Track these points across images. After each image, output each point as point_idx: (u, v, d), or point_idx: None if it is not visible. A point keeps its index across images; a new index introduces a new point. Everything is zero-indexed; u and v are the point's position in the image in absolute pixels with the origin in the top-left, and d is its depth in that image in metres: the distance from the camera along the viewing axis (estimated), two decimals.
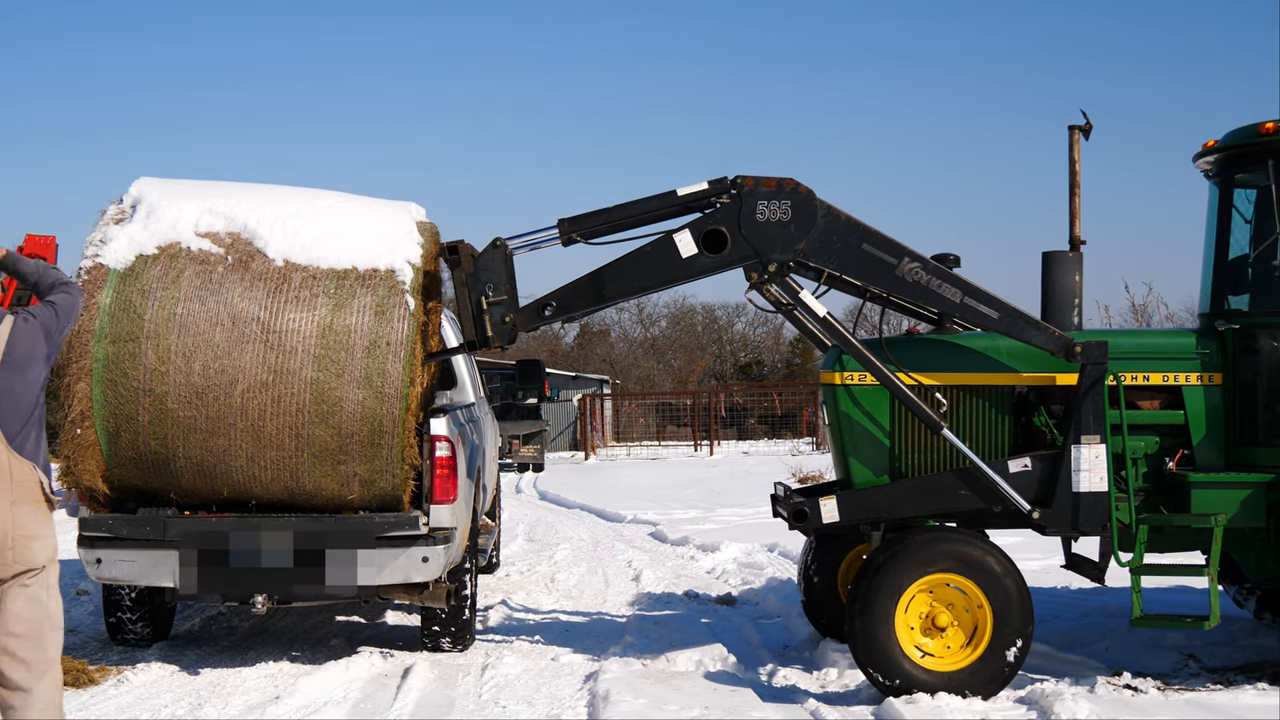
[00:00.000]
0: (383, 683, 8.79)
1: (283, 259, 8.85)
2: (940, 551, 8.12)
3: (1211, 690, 8.19)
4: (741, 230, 8.40)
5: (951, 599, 8.14)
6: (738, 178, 8.47)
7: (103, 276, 8.71)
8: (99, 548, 8.77)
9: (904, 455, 8.71)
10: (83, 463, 8.62)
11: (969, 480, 8.43)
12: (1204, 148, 8.96)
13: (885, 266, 8.43)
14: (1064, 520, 8.39)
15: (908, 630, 8.09)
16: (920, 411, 8.40)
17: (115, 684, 8.64)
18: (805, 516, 8.59)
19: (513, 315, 8.61)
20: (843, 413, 8.75)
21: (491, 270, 8.61)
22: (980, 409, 8.69)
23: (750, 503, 21.48)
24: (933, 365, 8.67)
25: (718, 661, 9.12)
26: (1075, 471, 8.32)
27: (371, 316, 8.71)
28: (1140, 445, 8.62)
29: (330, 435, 8.61)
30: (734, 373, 72.44)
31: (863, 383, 8.68)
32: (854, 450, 8.77)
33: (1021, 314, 8.41)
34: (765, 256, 8.42)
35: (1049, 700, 7.68)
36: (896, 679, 7.95)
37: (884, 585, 8.03)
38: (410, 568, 8.84)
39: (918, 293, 8.47)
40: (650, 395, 54.05)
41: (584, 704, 8.13)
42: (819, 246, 8.42)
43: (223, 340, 8.58)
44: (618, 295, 8.74)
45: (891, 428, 8.70)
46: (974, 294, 8.39)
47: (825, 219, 8.41)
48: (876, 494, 8.56)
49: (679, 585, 12.91)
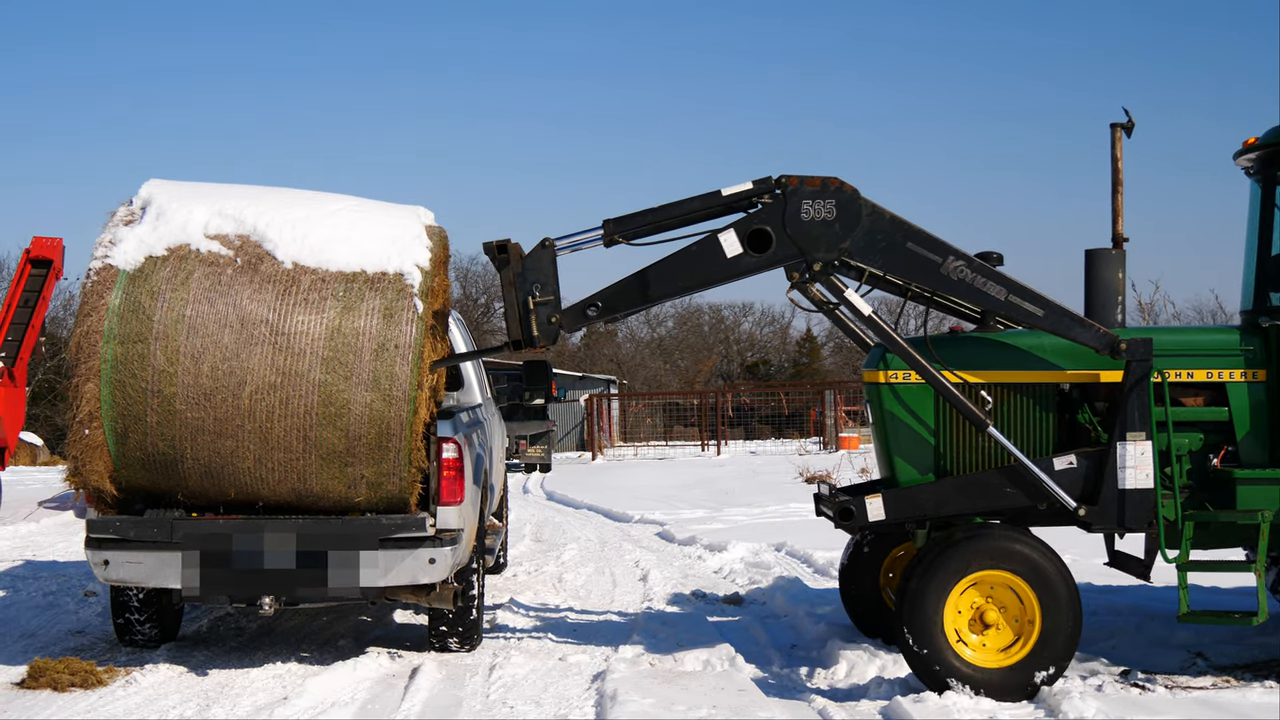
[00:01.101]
0: (390, 683, 8.80)
1: (292, 262, 8.87)
2: (992, 548, 8.13)
3: (1220, 689, 8.18)
4: (786, 229, 8.41)
5: (1000, 596, 8.15)
6: (782, 177, 8.48)
7: (112, 278, 8.73)
8: (106, 549, 8.77)
9: (949, 453, 8.71)
10: (90, 463, 8.63)
11: (1014, 478, 8.44)
12: (1244, 145, 8.95)
13: (930, 265, 8.43)
14: (1110, 517, 8.39)
15: (956, 627, 8.11)
16: (966, 409, 8.41)
17: (123, 685, 8.66)
18: (851, 515, 8.60)
19: (558, 315, 8.62)
20: (887, 411, 8.76)
21: (539, 270, 8.60)
22: (1024, 407, 8.69)
23: (757, 502, 21.50)
24: (977, 363, 8.68)
25: (725, 661, 9.12)
26: (1121, 468, 8.33)
27: (380, 319, 8.72)
28: (1185, 442, 8.60)
29: (338, 437, 8.62)
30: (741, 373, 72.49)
31: (907, 381, 8.69)
32: (899, 448, 8.77)
33: (1066, 311, 8.41)
34: (810, 256, 8.43)
35: (1056, 699, 7.68)
36: (944, 675, 7.96)
37: (934, 581, 8.04)
38: (417, 569, 8.85)
39: (962, 291, 8.48)
40: (657, 395, 54.07)
41: (592, 704, 8.13)
42: (864, 245, 8.43)
43: (231, 342, 8.59)
44: (662, 295, 8.74)
45: (936, 426, 8.71)
46: (1019, 291, 8.39)
47: (870, 218, 8.42)
48: (922, 492, 8.58)
49: (686, 585, 12.91)
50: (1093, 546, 9.87)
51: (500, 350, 9.11)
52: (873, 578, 9.86)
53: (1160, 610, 10.44)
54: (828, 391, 42.81)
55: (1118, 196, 9.04)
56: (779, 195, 8.47)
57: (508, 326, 8.68)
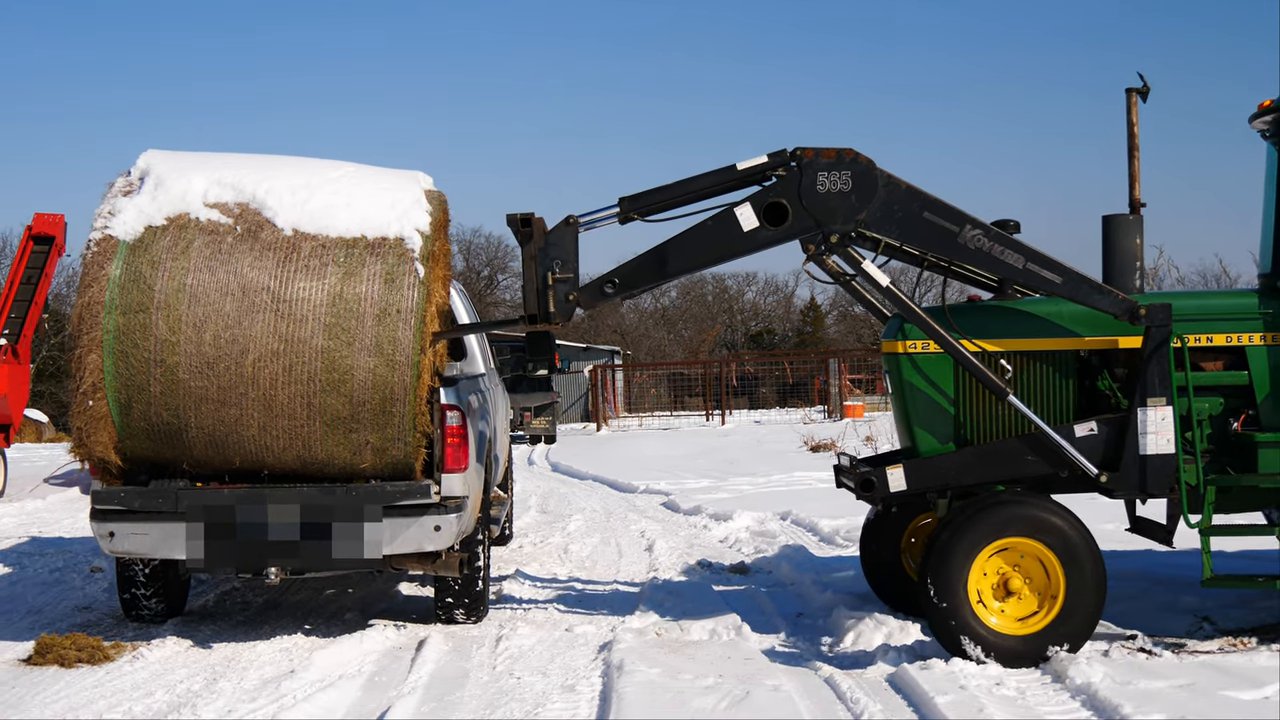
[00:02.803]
0: (397, 655, 8.80)
1: (292, 228, 8.85)
2: (1015, 515, 8.13)
3: (1226, 653, 8.18)
4: (803, 202, 8.38)
5: (1025, 564, 8.15)
6: (797, 149, 8.46)
7: (112, 248, 8.71)
8: (111, 521, 8.77)
9: (969, 422, 8.71)
10: (95, 435, 8.62)
11: (1035, 445, 8.44)
12: (1260, 108, 8.89)
13: (947, 234, 8.41)
14: (1131, 483, 8.40)
15: (980, 595, 8.11)
16: (985, 378, 8.40)
17: (130, 660, 8.66)
18: (873, 486, 8.61)
19: (575, 293, 8.60)
20: (906, 381, 8.75)
21: (561, 247, 8.57)
22: (1044, 374, 8.68)
23: (762, 472, 21.52)
24: (996, 332, 8.67)
25: (731, 630, 9.12)
26: (1142, 434, 8.32)
27: (381, 284, 8.71)
28: (1205, 407, 8.57)
29: (342, 404, 8.62)
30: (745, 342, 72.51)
31: (926, 351, 8.68)
32: (918, 418, 8.77)
33: (1085, 278, 8.39)
34: (827, 227, 8.41)
35: (1063, 664, 7.68)
36: (960, 633, 7.97)
37: (958, 549, 8.03)
38: (423, 537, 8.85)
39: (980, 259, 8.46)
40: (661, 365, 54.09)
41: (598, 674, 8.13)
42: (880, 216, 8.41)
43: (233, 310, 8.58)
44: (680, 270, 8.75)
45: (956, 395, 8.70)
46: (1036, 259, 8.36)
47: (886, 188, 8.39)
48: (943, 461, 8.58)
49: (692, 555, 12.92)
50: (1101, 512, 9.85)
51: (515, 323, 9.09)
52: (893, 546, 9.84)
53: (1166, 575, 10.44)
54: (832, 360, 42.80)
55: (1134, 162, 9.00)
56: (794, 168, 8.44)
57: (525, 300, 8.67)
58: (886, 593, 9.76)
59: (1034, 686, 7.53)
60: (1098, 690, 7.19)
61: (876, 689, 7.62)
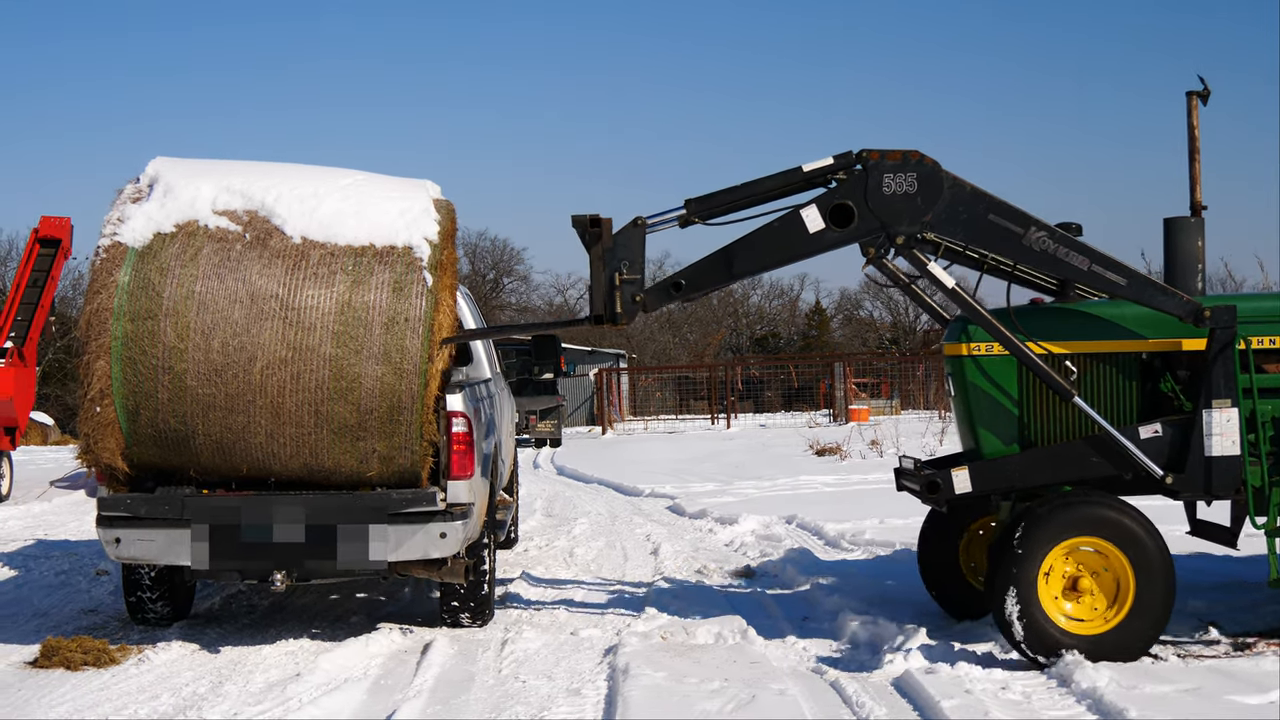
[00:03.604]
0: (403, 659, 8.81)
1: (300, 236, 8.88)
2: (1086, 515, 8.14)
3: (1231, 657, 8.18)
4: (868, 203, 8.42)
5: (1094, 563, 8.15)
6: (863, 151, 8.49)
7: (121, 255, 8.73)
8: (118, 527, 8.79)
9: (1032, 424, 8.71)
10: (102, 441, 8.64)
11: (1100, 447, 8.45)
12: None
13: (1012, 236, 8.43)
14: (1197, 485, 8.41)
15: (1050, 594, 8.11)
16: (1051, 380, 8.41)
17: (136, 663, 8.67)
18: (938, 488, 8.62)
19: (642, 294, 8.65)
20: (970, 383, 8.76)
21: (629, 248, 8.63)
22: (1107, 376, 8.69)
23: (768, 475, 21.49)
24: (1060, 333, 8.67)
25: (737, 634, 9.13)
26: (1207, 436, 8.33)
27: (389, 293, 8.73)
28: (1269, 408, 8.55)
29: (349, 412, 8.63)
30: (750, 346, 72.44)
31: (990, 353, 8.68)
32: (982, 420, 8.77)
33: (1150, 280, 8.41)
34: (892, 229, 8.45)
35: (1069, 669, 7.68)
36: (1039, 643, 7.98)
37: (1027, 549, 8.03)
38: (429, 543, 8.86)
39: (1045, 261, 8.47)
40: (667, 369, 54.05)
41: (604, 677, 8.14)
42: (946, 218, 8.44)
43: (241, 317, 8.60)
44: (745, 272, 8.82)
45: (1020, 397, 8.70)
46: (1101, 261, 8.38)
47: (951, 190, 8.41)
48: (1008, 463, 8.59)
49: (697, 558, 12.92)
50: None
51: (581, 324, 9.15)
52: (951, 549, 9.82)
53: None
54: (837, 364, 42.82)
55: (1195, 164, 9.01)
56: (860, 170, 8.47)
57: (592, 301, 8.72)
58: (944, 596, 9.73)
59: (1039, 690, 7.53)
60: (1103, 694, 7.20)
61: (882, 693, 7.62)
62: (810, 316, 75.54)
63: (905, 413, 41.17)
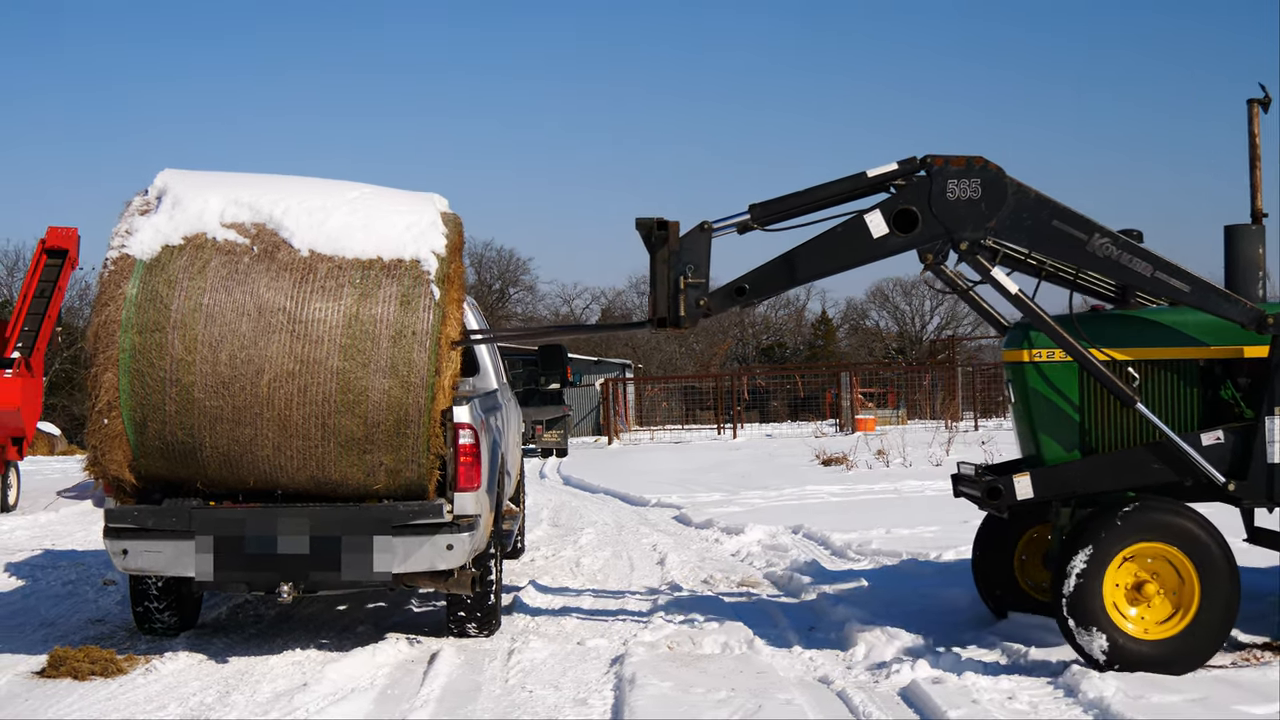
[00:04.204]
0: (409, 668, 8.82)
1: (308, 249, 8.89)
2: (1151, 520, 8.14)
3: (1239, 667, 8.18)
4: (932, 209, 8.45)
5: (1158, 569, 8.16)
6: (927, 157, 8.52)
7: (129, 267, 8.75)
8: (125, 539, 8.80)
9: (1094, 430, 8.71)
10: (110, 453, 8.66)
11: (1161, 453, 8.45)
12: None
13: (1076, 242, 8.44)
14: (1259, 492, 8.41)
15: (1115, 600, 8.12)
16: (1114, 386, 8.43)
17: (144, 673, 8.68)
18: (999, 494, 8.62)
19: (706, 299, 8.68)
20: (1032, 389, 8.75)
21: (695, 252, 8.66)
22: (1169, 382, 8.70)
23: (774, 485, 21.50)
24: (1122, 340, 8.69)
25: (743, 644, 9.13)
26: (1270, 443, 8.34)
27: (397, 306, 8.73)
28: None
29: (356, 425, 8.64)
30: (756, 355, 72.47)
31: (1051, 359, 8.69)
32: (1044, 426, 8.77)
33: (1213, 287, 8.42)
34: (956, 235, 8.48)
35: (1075, 678, 7.68)
36: (1103, 649, 7.98)
37: (1092, 555, 8.04)
38: (435, 555, 8.86)
39: (1108, 268, 8.48)
40: (673, 379, 54.10)
41: (610, 687, 8.14)
42: (1009, 224, 8.46)
43: (249, 330, 8.61)
44: (809, 276, 8.86)
45: (1081, 403, 8.70)
46: (1165, 268, 8.39)
47: (1015, 196, 8.43)
48: (1070, 469, 8.60)
49: (704, 568, 12.92)
50: None
51: (642, 326, 9.19)
52: (1006, 556, 9.80)
53: None
54: (843, 374, 42.80)
55: (1256, 171, 9.02)
56: (924, 175, 8.50)
57: (654, 305, 8.75)
58: (1000, 603, 9.71)
59: (1046, 700, 7.53)
60: (1110, 704, 7.20)
61: (889, 703, 7.62)
62: (816, 326, 75.60)
63: (912, 422, 41.15)
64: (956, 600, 10.29)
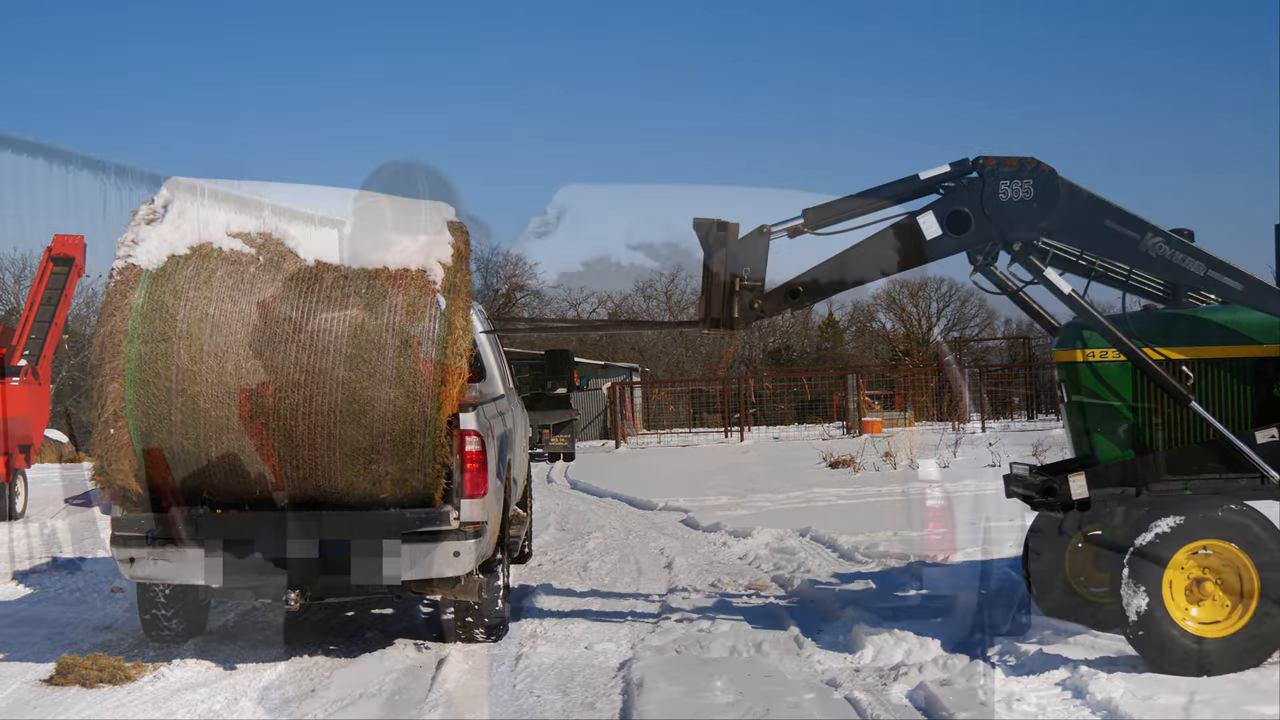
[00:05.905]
0: (417, 674, 8.82)
1: (314, 259, 8.90)
2: (1210, 518, 8.15)
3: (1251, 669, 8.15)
4: (985, 210, 8.47)
5: (1218, 567, 8.15)
6: (979, 158, 8.55)
7: (135, 277, 8.76)
8: (132, 547, 8.81)
9: (1147, 429, 8.70)
10: (116, 462, 8.66)
11: (1216, 452, 8.46)
12: None
13: (1129, 242, 8.46)
14: None
15: (1174, 597, 8.11)
16: (1168, 385, 8.45)
17: (152, 680, 8.69)
18: (1054, 493, 8.63)
19: (760, 301, 8.71)
20: (1085, 389, 8.77)
21: (752, 255, 8.69)
22: (1222, 381, 8.70)
23: (781, 488, 21.47)
24: (1175, 339, 8.70)
25: (751, 647, 9.13)
26: None
27: (403, 316, 8.73)
28: None
29: (362, 435, 8.63)
30: (763, 358, 72.35)
31: (1104, 359, 8.69)
32: (1098, 425, 8.78)
33: (1267, 285, 8.44)
34: (1008, 236, 8.51)
35: (1084, 679, 7.67)
36: (1164, 647, 7.98)
37: (1153, 552, 8.06)
38: (442, 562, 8.86)
39: (1161, 267, 8.51)
40: (680, 382, 54.10)
41: (618, 691, 8.15)
42: (1063, 224, 8.49)
43: (255, 340, 8.61)
44: (862, 278, 8.88)
45: (1135, 402, 8.70)
46: (1218, 266, 8.41)
47: (1068, 196, 8.46)
48: (1125, 468, 8.59)
49: (711, 572, 12.92)
50: None
51: (694, 326, 9.18)
52: (1058, 555, 9.77)
53: None
54: (850, 376, 42.73)
55: None
56: (976, 177, 8.51)
57: (707, 305, 8.77)
58: (1052, 602, 9.66)
59: (1055, 702, 7.52)
60: (1118, 706, 7.20)
61: (897, 706, 7.62)
62: (823, 329, 75.45)
63: (919, 424, 41.10)
64: (964, 603, 10.28)
